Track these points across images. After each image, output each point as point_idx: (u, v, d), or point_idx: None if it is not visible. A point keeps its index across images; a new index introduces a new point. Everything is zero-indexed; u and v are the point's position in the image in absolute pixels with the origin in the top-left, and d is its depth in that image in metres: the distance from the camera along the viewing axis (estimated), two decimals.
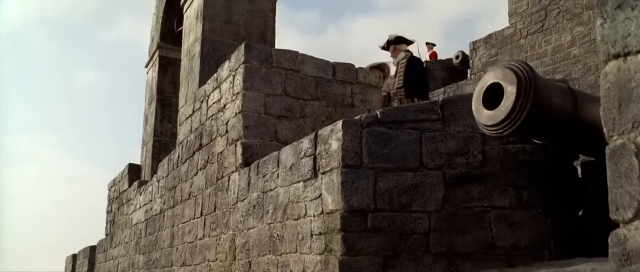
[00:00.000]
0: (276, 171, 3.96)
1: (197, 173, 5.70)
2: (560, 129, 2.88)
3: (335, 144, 3.25)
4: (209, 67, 6.72)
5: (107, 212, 10.38)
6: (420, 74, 6.19)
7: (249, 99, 4.70)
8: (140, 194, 8.06)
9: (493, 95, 2.83)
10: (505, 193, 3.30)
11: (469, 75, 13.92)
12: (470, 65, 13.62)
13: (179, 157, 6.37)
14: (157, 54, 9.04)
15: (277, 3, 7.28)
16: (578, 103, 2.86)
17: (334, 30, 62.87)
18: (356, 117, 3.28)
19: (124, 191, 9.22)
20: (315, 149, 3.47)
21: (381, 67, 6.40)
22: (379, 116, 3.25)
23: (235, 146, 4.73)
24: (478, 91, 2.88)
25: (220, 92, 5.24)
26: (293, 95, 4.90)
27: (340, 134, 3.21)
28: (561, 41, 11.80)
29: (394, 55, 6.38)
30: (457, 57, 14.17)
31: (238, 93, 4.78)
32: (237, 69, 4.87)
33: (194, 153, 5.85)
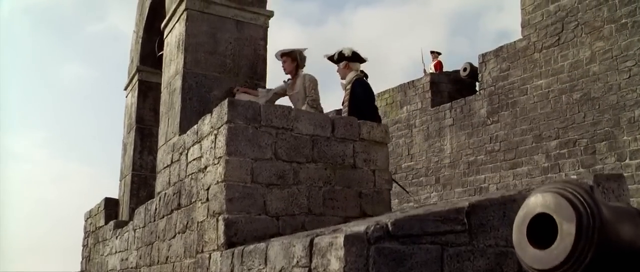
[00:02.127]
0: (263, 269, 3.39)
1: (175, 236, 5.13)
2: (628, 266, 2.30)
3: (335, 264, 2.68)
4: (191, 104, 6.14)
5: (83, 246, 9.82)
6: (367, 101, 5.62)
7: (233, 166, 4.12)
8: (116, 237, 7.49)
9: (541, 225, 2.24)
10: None
11: (477, 89, 13.38)
12: (480, 80, 13.09)
13: (156, 210, 5.80)
14: (136, 77, 8.44)
15: (268, 29, 6.70)
16: None
17: (335, 22, 62.23)
18: (361, 230, 2.70)
19: (100, 227, 8.65)
20: (311, 261, 2.89)
21: (292, 56, 5.87)
22: (391, 229, 2.68)
23: (217, 220, 4.16)
24: (521, 220, 2.29)
25: (201, 149, 4.66)
26: (285, 159, 4.32)
27: (341, 253, 2.64)
28: (579, 57, 11.25)
29: (343, 74, 5.83)
30: (464, 70, 13.63)
31: (220, 157, 4.20)
32: (219, 128, 4.28)
33: (172, 211, 5.28)
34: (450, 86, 13.98)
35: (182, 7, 6.39)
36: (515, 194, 2.80)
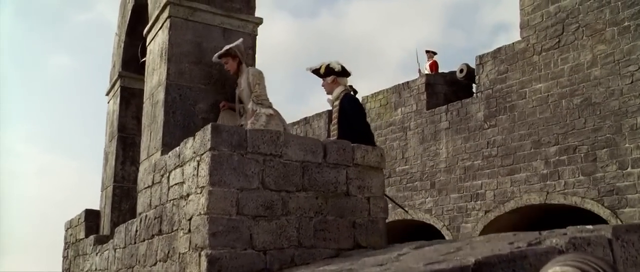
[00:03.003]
0: None
1: (156, 264, 4.88)
2: None
3: None
4: (175, 118, 5.89)
5: (63, 257, 9.54)
6: (358, 118, 5.38)
7: (217, 198, 3.88)
8: (97, 254, 7.23)
9: None
10: None
11: (474, 92, 13.18)
12: (477, 82, 12.89)
13: (137, 232, 5.54)
14: (118, 83, 8.16)
15: (257, 37, 6.44)
16: None
17: (328, 15, 61.77)
18: None
19: (81, 239, 8.38)
20: None
21: (231, 53, 5.64)
22: None
23: (200, 255, 3.92)
24: None
25: (182, 175, 4.41)
26: (273, 188, 4.08)
27: None
28: (580, 60, 11.08)
29: (329, 89, 5.58)
30: (461, 71, 13.43)
31: (203, 187, 3.96)
32: (202, 154, 4.04)
33: (153, 236, 5.03)
34: (446, 88, 13.76)
35: (165, 13, 6.12)
36: (526, 249, 2.58)
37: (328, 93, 5.64)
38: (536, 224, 12.84)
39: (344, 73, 5.60)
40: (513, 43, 12.18)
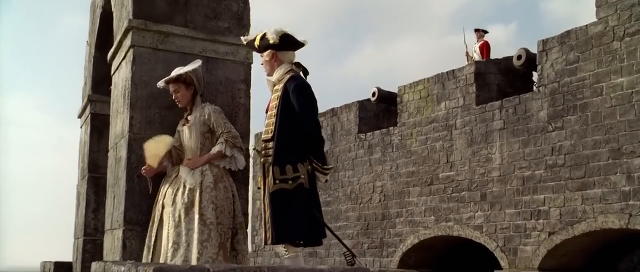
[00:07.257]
0: None
1: None
2: None
3: None
4: (140, 185, 4.77)
5: None
6: (307, 114, 4.13)
7: None
8: None
9: None
10: None
11: (536, 85, 11.75)
12: (539, 73, 11.46)
13: None
14: (89, 108, 7.06)
15: (252, 65, 5.22)
16: None
17: None
18: None
19: None
20: None
21: (185, 80, 4.55)
22: None
23: None
24: None
25: None
26: None
27: None
28: None
29: (269, 68, 4.36)
30: (519, 58, 11.99)
31: None
32: None
33: None
34: (500, 78, 12.32)
35: (128, 41, 4.94)
36: None
37: (268, 74, 4.40)
38: (614, 253, 11.54)
39: (287, 45, 4.29)
40: (586, 25, 10.64)
